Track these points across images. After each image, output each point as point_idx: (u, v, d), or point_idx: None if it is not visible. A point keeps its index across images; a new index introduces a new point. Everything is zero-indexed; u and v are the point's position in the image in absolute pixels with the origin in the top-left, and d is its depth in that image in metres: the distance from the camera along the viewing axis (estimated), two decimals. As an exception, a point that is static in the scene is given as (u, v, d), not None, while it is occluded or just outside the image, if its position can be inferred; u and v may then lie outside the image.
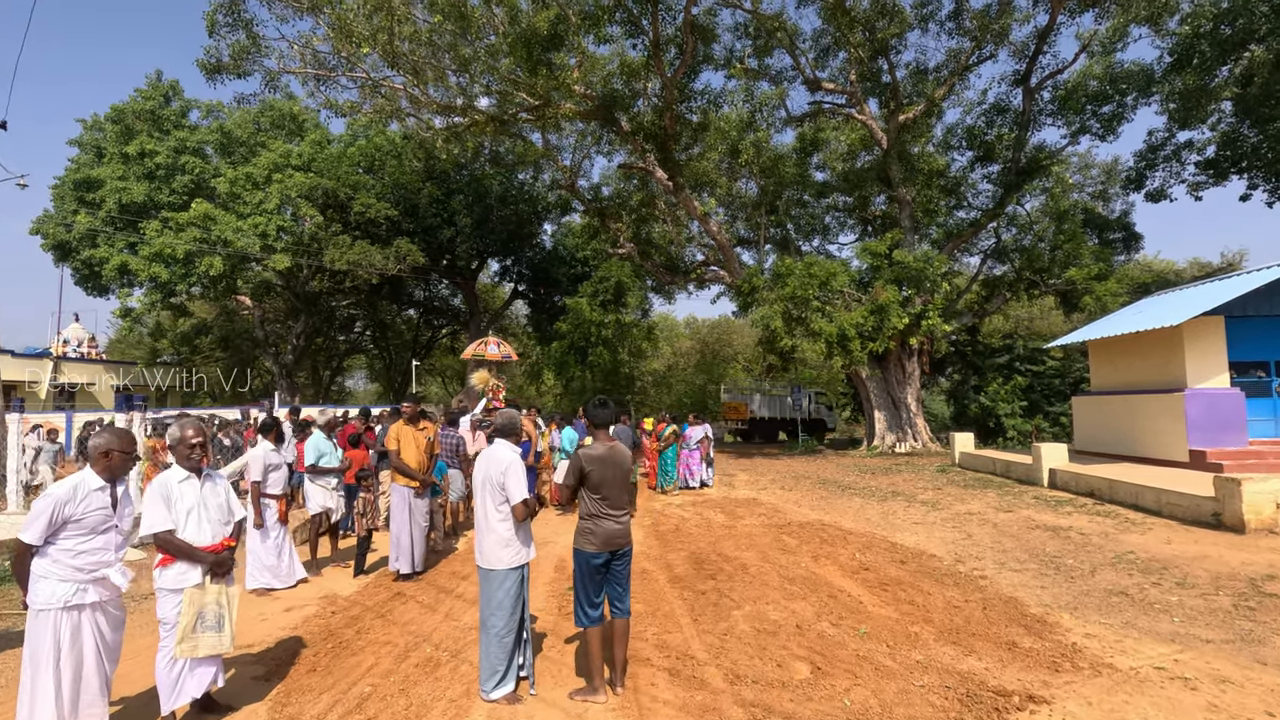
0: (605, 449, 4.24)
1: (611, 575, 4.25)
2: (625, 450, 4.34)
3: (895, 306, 19.23)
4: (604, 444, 4.29)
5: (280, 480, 6.54)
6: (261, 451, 6.42)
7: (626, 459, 4.31)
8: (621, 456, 4.27)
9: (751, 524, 9.60)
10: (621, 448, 4.33)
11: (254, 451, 6.44)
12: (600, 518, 4.18)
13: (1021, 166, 20.43)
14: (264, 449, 6.46)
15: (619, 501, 4.24)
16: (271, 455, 6.49)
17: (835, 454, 21.91)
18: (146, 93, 25.93)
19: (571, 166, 24.33)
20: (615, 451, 4.27)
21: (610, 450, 4.25)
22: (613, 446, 4.29)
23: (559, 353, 32.94)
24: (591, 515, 4.22)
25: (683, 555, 7.66)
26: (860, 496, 12.20)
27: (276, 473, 6.51)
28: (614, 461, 4.22)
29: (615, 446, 4.31)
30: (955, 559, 7.29)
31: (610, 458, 4.21)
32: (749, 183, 26.74)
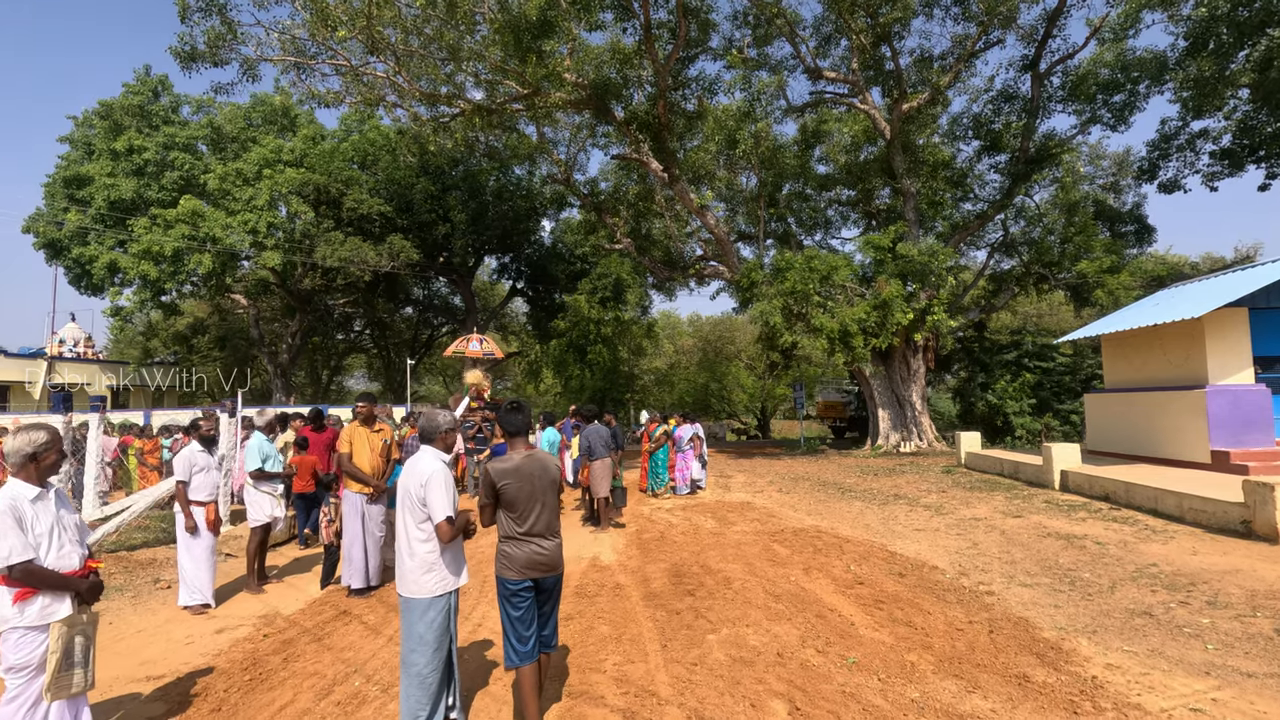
0: (520, 460, 3.69)
1: (539, 606, 3.71)
2: (547, 461, 3.78)
3: (899, 301, 18.57)
4: (520, 454, 3.73)
5: (208, 485, 5.98)
6: (188, 452, 5.87)
7: (548, 472, 3.74)
8: (541, 469, 3.71)
9: (742, 531, 9.00)
10: (543, 459, 3.77)
11: (182, 452, 5.90)
12: (516, 540, 3.64)
13: (1030, 155, 19.70)
14: (190, 450, 5.90)
15: (539, 522, 3.67)
16: (198, 456, 5.93)
17: (838, 454, 21.27)
18: (134, 87, 25.50)
19: (567, 160, 23.75)
20: (534, 463, 3.70)
21: (527, 461, 3.68)
22: (531, 457, 3.73)
23: (558, 351, 32.43)
24: (508, 538, 3.68)
25: (663, 567, 7.07)
26: (860, 500, 11.57)
27: (202, 475, 5.95)
28: (530, 475, 3.66)
29: (534, 457, 3.74)
30: (959, 571, 6.67)
31: (526, 470, 3.65)
32: (749, 176, 26.11)
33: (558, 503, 3.80)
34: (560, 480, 3.85)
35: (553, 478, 3.75)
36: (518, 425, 3.81)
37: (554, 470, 3.77)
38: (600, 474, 9.07)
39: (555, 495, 3.77)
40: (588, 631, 5.17)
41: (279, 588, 6.74)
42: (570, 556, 7.70)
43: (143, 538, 8.63)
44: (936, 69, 20.40)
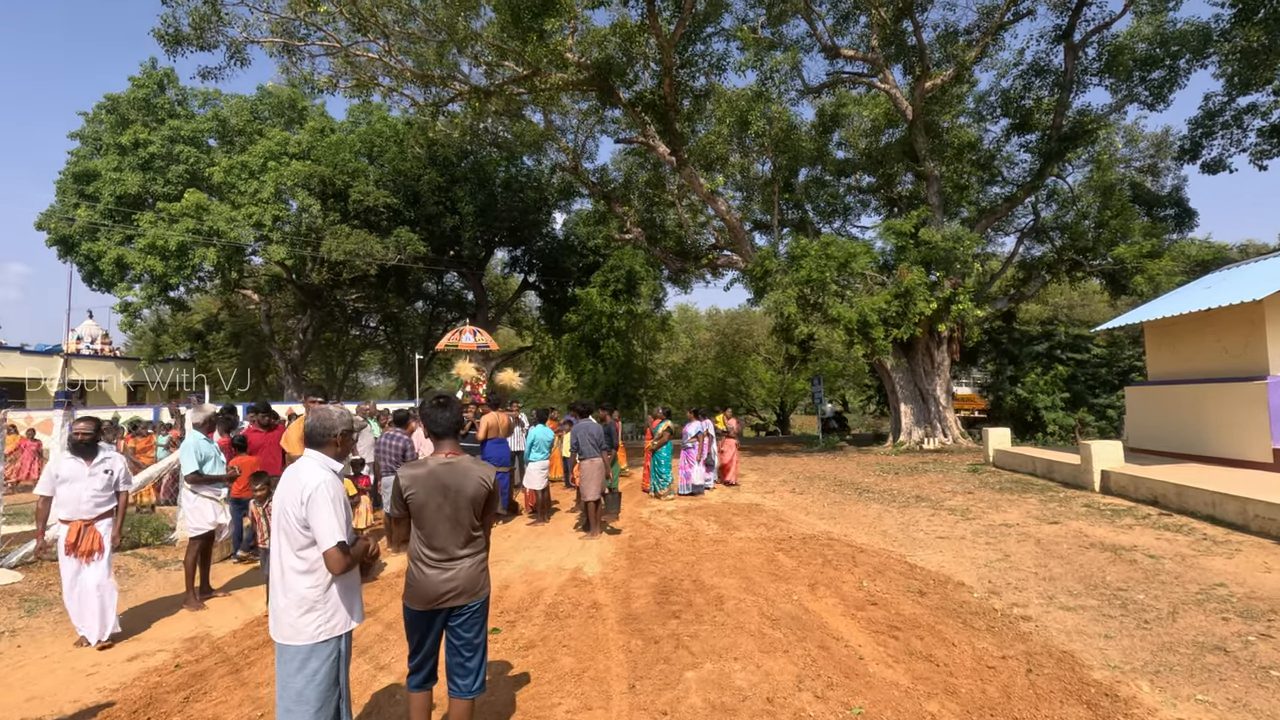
0: (435, 466, 2.96)
1: (450, 640, 3.00)
2: (471, 471, 3.05)
3: (922, 289, 17.54)
4: (439, 459, 3.00)
5: (76, 499, 4.95)
6: (52, 461, 5.15)
7: (469, 483, 3.01)
8: (460, 478, 2.97)
9: (745, 538, 8.18)
10: (466, 468, 3.03)
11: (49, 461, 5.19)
12: (420, 562, 2.94)
13: (1064, 132, 18.48)
14: (55, 459, 5.15)
15: (447, 540, 2.97)
16: (65, 465, 4.96)
17: (858, 451, 20.30)
18: (140, 81, 25.25)
19: (574, 148, 22.99)
20: (453, 472, 2.96)
21: (445, 469, 2.95)
22: (451, 465, 2.99)
23: (570, 345, 31.74)
24: (415, 558, 2.96)
25: (650, 582, 6.29)
26: (879, 502, 10.68)
27: (69, 488, 4.94)
28: (443, 484, 2.92)
29: (455, 465, 3.00)
30: (989, 589, 5.80)
31: (440, 479, 2.92)
32: (764, 162, 25.13)
33: (475, 520, 3.05)
34: (490, 494, 3.09)
35: (474, 491, 3.00)
36: (443, 425, 3.08)
37: (478, 482, 3.02)
38: (590, 475, 8.31)
39: (475, 512, 3.02)
40: (547, 664, 4.42)
41: (224, 603, 6.09)
42: (552, 567, 6.96)
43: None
44: (962, 44, 19.24)
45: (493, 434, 9.35)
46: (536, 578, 6.55)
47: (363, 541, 2.86)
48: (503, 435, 9.54)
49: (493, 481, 3.08)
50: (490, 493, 3.07)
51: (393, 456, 7.52)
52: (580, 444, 8.33)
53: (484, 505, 3.06)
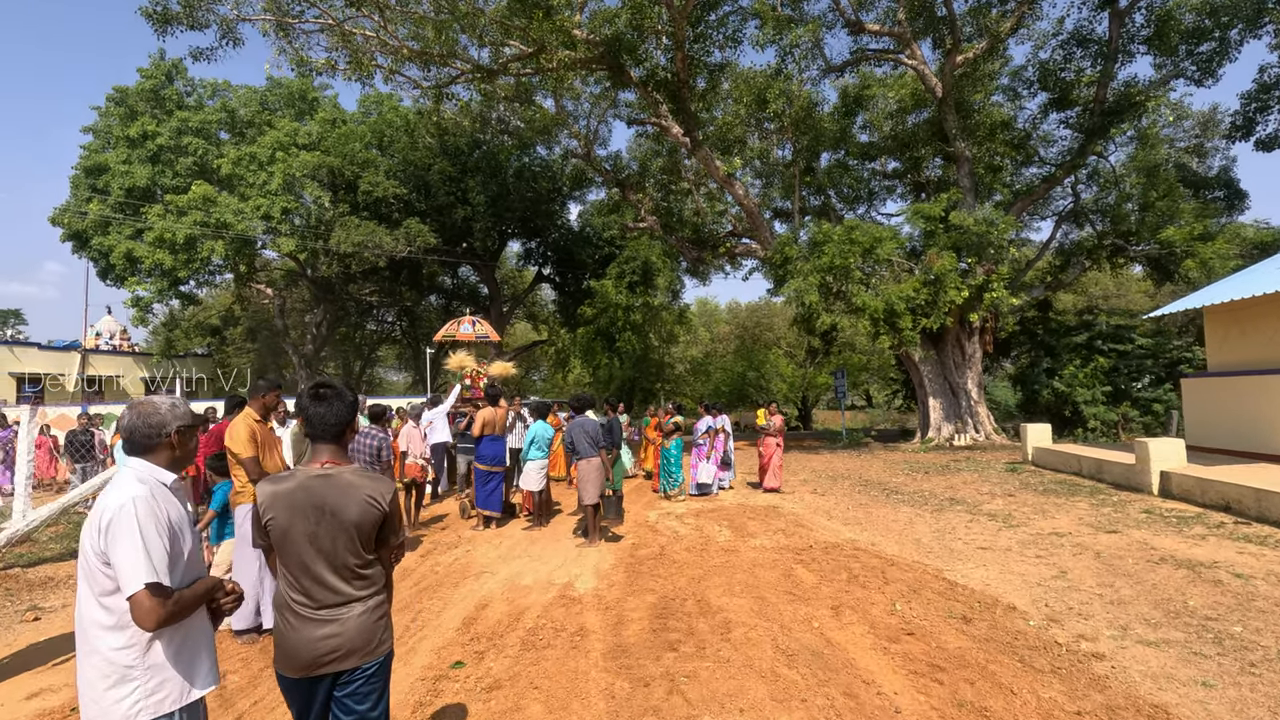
0: (305, 480, 2.19)
1: (336, 715, 2.19)
2: (351, 485, 2.24)
3: (953, 276, 16.47)
4: (313, 470, 2.21)
5: None
6: None
7: (349, 501, 2.21)
8: (338, 497, 2.19)
9: (761, 547, 7.34)
10: (346, 480, 2.23)
11: None
12: (287, 612, 2.18)
13: (1108, 106, 17.22)
14: None
15: (323, 581, 2.18)
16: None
17: (884, 448, 19.28)
18: (148, 72, 24.95)
19: (586, 133, 22.19)
20: (328, 487, 2.19)
21: (316, 483, 2.18)
22: (326, 478, 2.22)
23: (585, 339, 31.00)
24: (278, 607, 2.21)
25: (648, 602, 5.48)
26: (909, 505, 9.76)
27: None
28: (314, 505, 2.15)
29: (333, 479, 2.22)
30: (1048, 616, 4.90)
31: (310, 497, 2.16)
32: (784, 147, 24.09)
33: (363, 552, 2.24)
34: (384, 517, 2.29)
35: (359, 513, 2.20)
36: (322, 424, 2.29)
37: (364, 501, 2.22)
38: (587, 477, 7.52)
39: (361, 540, 2.22)
40: (510, 713, 3.63)
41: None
42: (540, 581, 6.19)
43: (57, 549, 7.46)
44: (995, 15, 18.05)
45: (488, 430, 8.61)
46: (520, 594, 5.78)
47: (201, 584, 2.07)
48: (499, 432, 8.79)
49: (389, 499, 2.28)
50: (385, 515, 2.27)
51: (366, 457, 6.80)
52: (575, 442, 7.55)
53: (376, 532, 2.27)
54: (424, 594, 5.86)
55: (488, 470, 8.36)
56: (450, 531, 8.62)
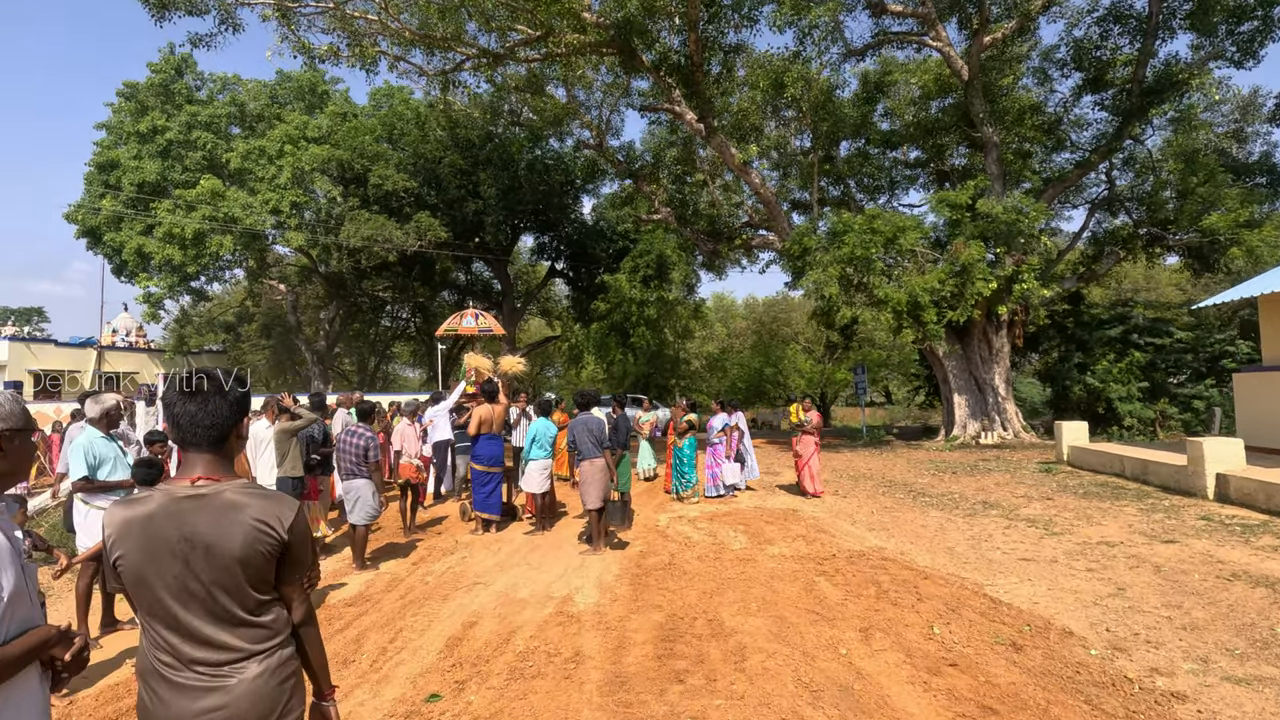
0: (165, 501, 1.64)
1: None
2: (231, 508, 1.67)
3: (980, 267, 15.70)
4: (178, 488, 1.68)
5: None
6: None
7: (230, 529, 1.64)
8: (212, 524, 1.63)
9: (779, 555, 6.75)
10: (225, 501, 1.67)
11: None
12: (152, 679, 1.63)
13: (1147, 85, 16.31)
14: None
15: (197, 635, 1.63)
16: None
17: (906, 446, 18.56)
18: (158, 66, 24.78)
19: (597, 123, 21.61)
20: (200, 511, 1.66)
21: (182, 506, 1.65)
22: (198, 499, 1.68)
23: (599, 334, 30.48)
24: (141, 672, 1.66)
25: (654, 621, 4.92)
26: (939, 508, 9.11)
27: None
28: (180, 536, 1.62)
29: (207, 500, 1.68)
30: (1110, 643, 4.28)
31: (174, 525, 1.62)
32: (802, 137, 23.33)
33: (253, 595, 1.67)
34: (283, 547, 1.72)
35: (244, 545, 1.64)
36: (196, 427, 1.73)
37: (251, 529, 1.65)
38: (590, 479, 6.98)
39: (248, 580, 1.66)
40: (485, 765, 3.10)
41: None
42: (537, 594, 5.66)
43: None
44: (1026, -8, 17.19)
45: (485, 428, 8.10)
46: (514, 610, 5.25)
47: (35, 633, 1.54)
48: (497, 430, 8.28)
49: (290, 522, 1.72)
50: (284, 544, 1.71)
51: (352, 457, 6.31)
52: (579, 441, 7.01)
53: (272, 568, 1.72)
54: (409, 608, 5.35)
55: (485, 471, 7.86)
56: (447, 536, 8.13)
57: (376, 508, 6.50)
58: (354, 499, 6.37)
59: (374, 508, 6.45)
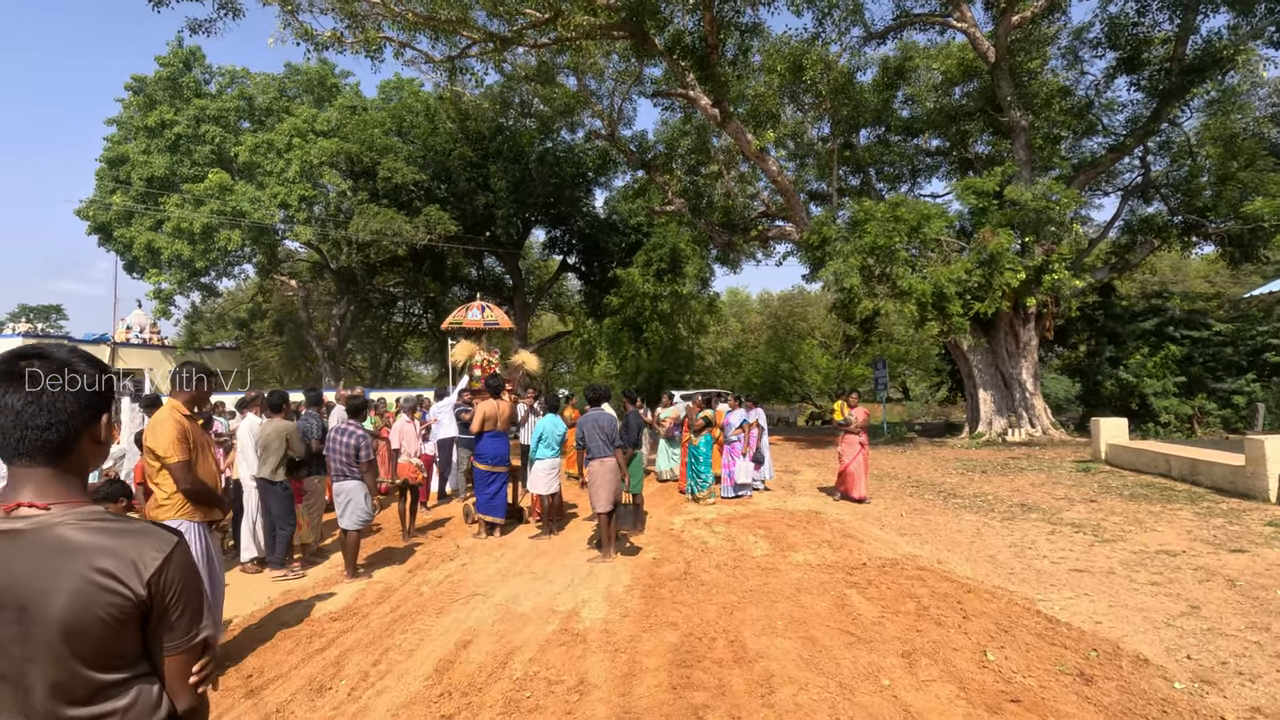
0: None
1: None
2: (62, 550, 1.13)
3: (1009, 256, 15.01)
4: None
5: None
6: None
7: (51, 583, 1.10)
8: (32, 577, 1.10)
9: (805, 564, 6.21)
10: (55, 541, 1.13)
11: None
12: None
13: (1188, 63, 15.49)
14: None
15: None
16: None
17: (929, 443, 17.90)
18: (166, 60, 24.57)
19: (609, 112, 21.08)
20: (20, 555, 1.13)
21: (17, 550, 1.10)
22: (14, 538, 1.15)
23: (611, 329, 29.98)
24: None
25: (668, 642, 4.40)
26: (973, 511, 8.51)
27: None
28: None
29: (30, 539, 1.15)
30: (1195, 675, 3.70)
31: None
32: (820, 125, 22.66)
33: (89, 675, 1.14)
34: (135, 607, 1.18)
35: (66, 609, 1.11)
36: (23, 430, 1.21)
37: (85, 581, 1.12)
38: (599, 480, 6.48)
39: (77, 661, 1.14)
40: (467, 831, 2.60)
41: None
42: (540, 607, 5.16)
43: None
44: (1056, -32, 16.42)
45: (489, 426, 7.62)
46: (513, 627, 4.76)
47: None
48: (502, 428, 7.79)
49: (156, 568, 1.18)
50: (141, 604, 1.18)
51: (343, 457, 5.85)
52: (588, 439, 6.51)
53: (127, 638, 1.19)
54: (399, 624, 4.88)
55: (489, 470, 7.38)
56: (448, 540, 7.66)
57: (369, 511, 6.04)
58: (345, 502, 5.91)
59: (366, 511, 5.99)
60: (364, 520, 5.98)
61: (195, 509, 3.95)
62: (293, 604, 5.45)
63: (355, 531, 5.97)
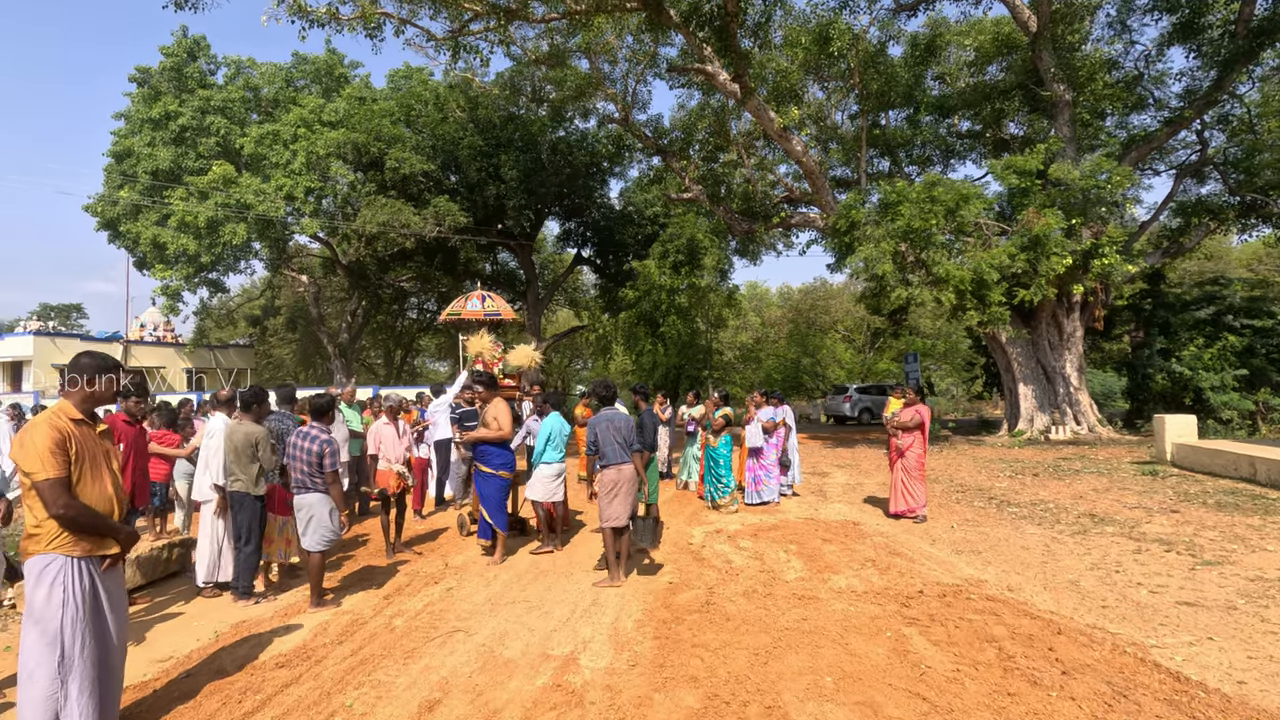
0: None
1: None
2: None
3: (1057, 239, 13.83)
4: None
5: None
6: None
7: None
8: None
9: (849, 590, 5.24)
10: None
11: None
12: None
13: (1256, 25, 14.16)
14: None
15: None
16: None
17: (966, 442, 16.76)
18: (170, 50, 24.00)
19: (623, 95, 20.09)
20: None
21: None
22: None
23: (627, 324, 29.03)
24: None
25: (686, 708, 3.45)
26: (1035, 522, 7.46)
27: None
28: None
29: None
30: None
31: None
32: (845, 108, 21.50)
33: None
34: None
35: None
36: None
37: None
38: (616, 490, 5.56)
39: None
40: None
41: None
42: (529, 652, 4.23)
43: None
44: (1105, -73, 15.15)
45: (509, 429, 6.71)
46: (495, 679, 3.84)
47: None
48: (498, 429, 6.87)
49: None
50: None
51: (304, 466, 4.97)
52: (600, 443, 5.59)
53: None
54: (357, 672, 3.98)
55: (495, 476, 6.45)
56: (438, 556, 6.78)
57: (336, 529, 5.16)
58: (306, 518, 5.04)
59: (332, 529, 5.11)
60: (329, 540, 5.10)
61: (76, 540, 3.08)
62: (241, 640, 4.59)
63: (320, 553, 5.09)
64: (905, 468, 7.93)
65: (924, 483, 7.92)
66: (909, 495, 7.90)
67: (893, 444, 7.98)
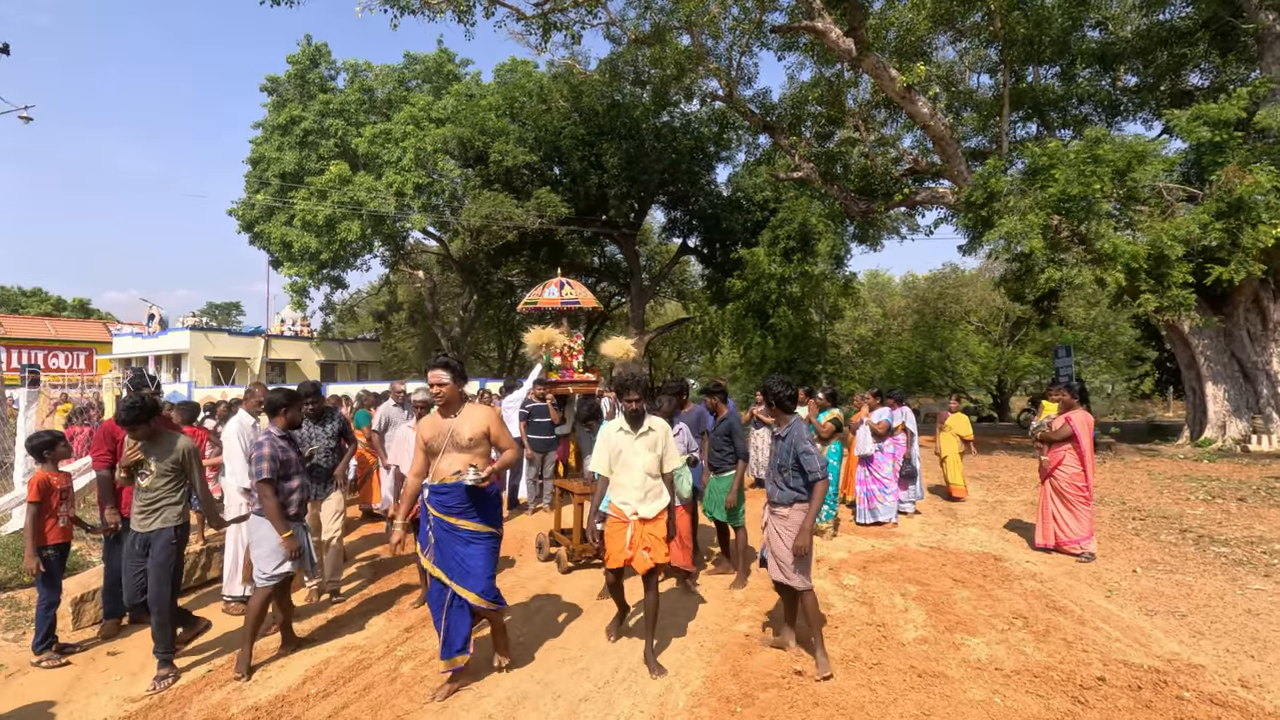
0: None
1: None
2: None
3: (1269, 201, 11.04)
4: None
5: None
6: None
7: None
8: None
9: (991, 663, 3.81)
10: None
11: None
12: None
13: None
14: None
15: None
16: None
17: (1135, 451, 14.05)
18: (295, 58, 25.37)
19: (727, 70, 18.70)
20: None
21: None
22: None
23: (735, 315, 27.59)
24: None
25: None
26: (1257, 571, 5.53)
27: None
28: None
29: None
30: None
31: None
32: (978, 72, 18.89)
33: None
34: None
35: None
36: None
37: None
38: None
39: None
40: None
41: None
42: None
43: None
44: None
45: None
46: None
47: None
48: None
49: None
50: None
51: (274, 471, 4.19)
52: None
53: None
54: None
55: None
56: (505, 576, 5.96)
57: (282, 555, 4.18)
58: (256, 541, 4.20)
59: (278, 555, 4.14)
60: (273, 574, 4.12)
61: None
62: (220, 685, 3.91)
63: (265, 587, 4.09)
64: (1057, 490, 6.21)
65: (1088, 508, 6.17)
66: (1062, 525, 6.18)
67: (1054, 454, 6.28)
